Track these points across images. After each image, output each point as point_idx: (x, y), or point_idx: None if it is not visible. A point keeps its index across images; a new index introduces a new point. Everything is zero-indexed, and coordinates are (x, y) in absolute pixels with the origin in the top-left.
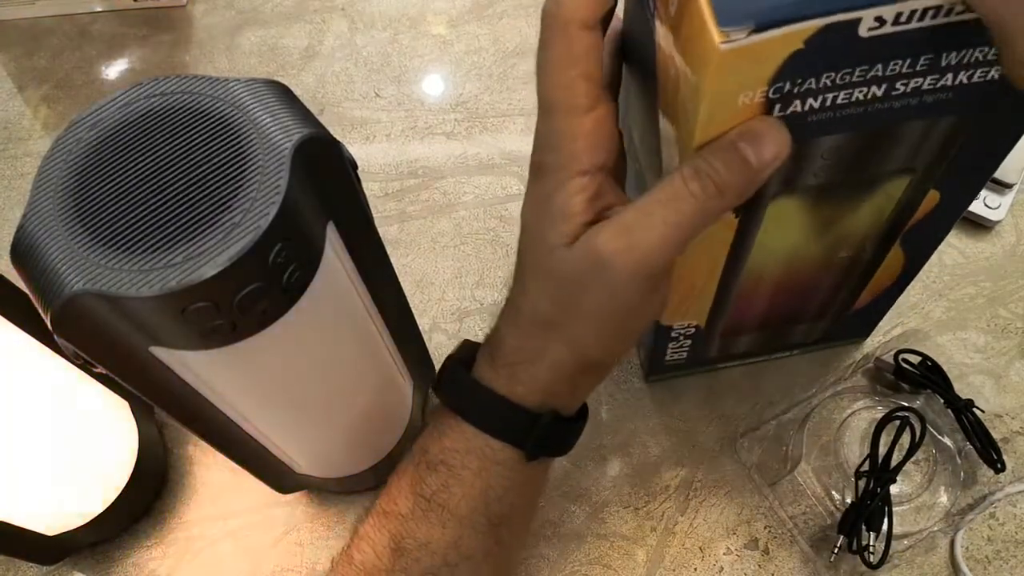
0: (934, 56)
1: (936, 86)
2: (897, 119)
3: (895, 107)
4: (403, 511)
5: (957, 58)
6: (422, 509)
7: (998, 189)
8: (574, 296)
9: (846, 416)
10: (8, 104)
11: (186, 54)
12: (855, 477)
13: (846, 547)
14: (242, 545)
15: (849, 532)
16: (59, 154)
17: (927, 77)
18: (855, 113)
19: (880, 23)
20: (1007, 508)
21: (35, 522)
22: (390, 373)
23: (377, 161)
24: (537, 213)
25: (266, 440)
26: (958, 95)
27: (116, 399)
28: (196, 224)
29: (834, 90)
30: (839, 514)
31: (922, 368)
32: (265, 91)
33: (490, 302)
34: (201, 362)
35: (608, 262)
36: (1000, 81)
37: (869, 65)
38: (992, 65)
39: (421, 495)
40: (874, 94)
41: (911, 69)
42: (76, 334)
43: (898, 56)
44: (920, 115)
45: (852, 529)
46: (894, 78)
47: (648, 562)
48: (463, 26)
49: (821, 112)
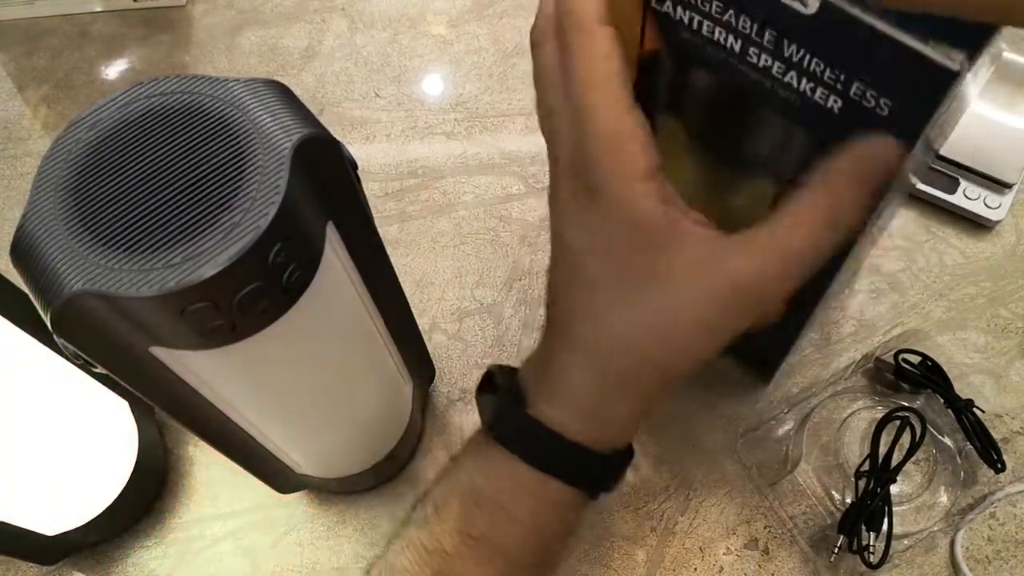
0: (777, 36)
1: (784, 79)
2: (754, 95)
3: (752, 78)
4: (448, 549)
5: (798, 56)
6: (469, 547)
7: (998, 189)
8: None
9: (846, 416)
10: (8, 104)
11: (186, 54)
12: (855, 477)
13: (846, 547)
14: (242, 545)
15: (849, 532)
16: (59, 154)
17: (774, 61)
18: (719, 58)
19: None
20: (1007, 508)
21: (35, 522)
22: (390, 373)
23: (377, 161)
24: (603, 244)
25: (266, 440)
26: (805, 107)
27: (116, 399)
28: (196, 224)
29: (696, 12)
30: (839, 514)
31: (922, 368)
32: (265, 91)
33: (490, 302)
34: (201, 362)
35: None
36: (841, 116)
37: (722, 2)
38: (832, 92)
39: (469, 535)
40: (732, 46)
41: (759, 39)
42: (76, 334)
43: (744, 12)
44: (774, 109)
45: (852, 529)
46: (747, 39)
47: (648, 562)
48: (463, 26)
49: (690, 32)
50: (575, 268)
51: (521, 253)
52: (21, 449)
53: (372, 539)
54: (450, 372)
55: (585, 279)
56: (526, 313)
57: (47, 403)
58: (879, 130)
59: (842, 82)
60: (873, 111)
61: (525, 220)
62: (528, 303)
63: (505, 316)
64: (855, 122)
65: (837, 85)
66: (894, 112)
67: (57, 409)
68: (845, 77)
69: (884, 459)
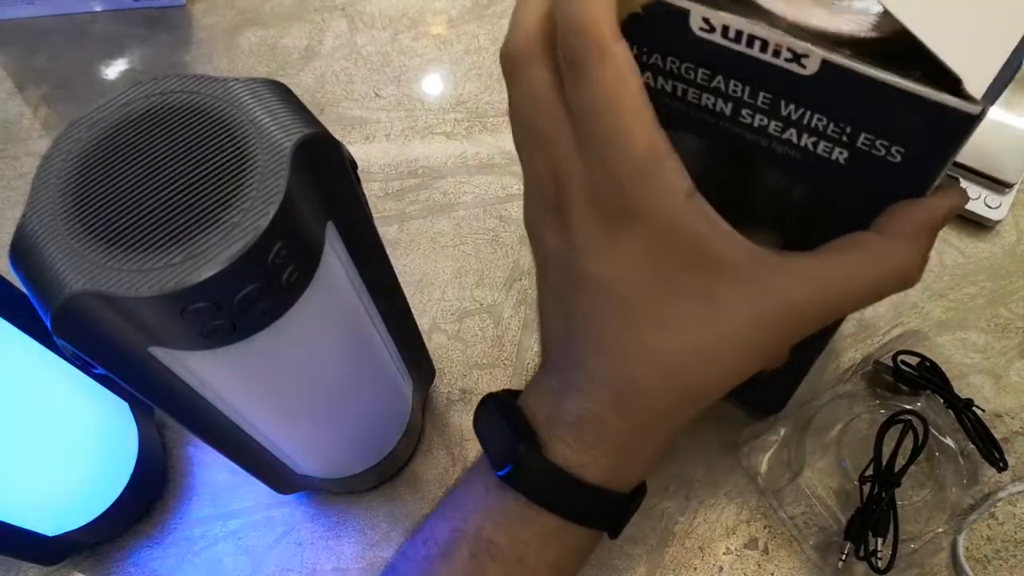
0: (772, 98)
1: (782, 136)
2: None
3: (747, 138)
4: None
5: (797, 114)
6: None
7: (998, 188)
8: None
9: (848, 420)
10: (8, 104)
11: (186, 54)
12: (859, 482)
13: (853, 554)
14: (242, 545)
15: (856, 538)
16: (59, 154)
17: (771, 120)
18: (708, 122)
19: (709, 27)
20: (1007, 508)
21: (35, 522)
22: (390, 373)
23: (377, 161)
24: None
25: (266, 440)
26: (807, 161)
27: (116, 399)
28: (195, 224)
29: (680, 81)
30: (845, 520)
31: (921, 369)
32: (265, 91)
33: (490, 302)
34: (201, 362)
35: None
36: (848, 167)
37: (709, 71)
38: (837, 144)
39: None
40: (722, 110)
41: (752, 100)
42: (75, 334)
43: (735, 77)
44: (773, 163)
45: (859, 535)
46: (738, 102)
47: (648, 562)
48: (463, 26)
49: (674, 101)
50: (604, 298)
51: (521, 253)
52: (21, 449)
53: (372, 539)
54: (450, 372)
55: (618, 309)
56: (526, 313)
57: (47, 403)
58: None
59: (848, 135)
60: (884, 159)
61: None
62: (528, 303)
63: (505, 316)
64: (864, 171)
65: (843, 138)
66: (909, 158)
67: (57, 409)
68: (852, 130)
69: (888, 463)
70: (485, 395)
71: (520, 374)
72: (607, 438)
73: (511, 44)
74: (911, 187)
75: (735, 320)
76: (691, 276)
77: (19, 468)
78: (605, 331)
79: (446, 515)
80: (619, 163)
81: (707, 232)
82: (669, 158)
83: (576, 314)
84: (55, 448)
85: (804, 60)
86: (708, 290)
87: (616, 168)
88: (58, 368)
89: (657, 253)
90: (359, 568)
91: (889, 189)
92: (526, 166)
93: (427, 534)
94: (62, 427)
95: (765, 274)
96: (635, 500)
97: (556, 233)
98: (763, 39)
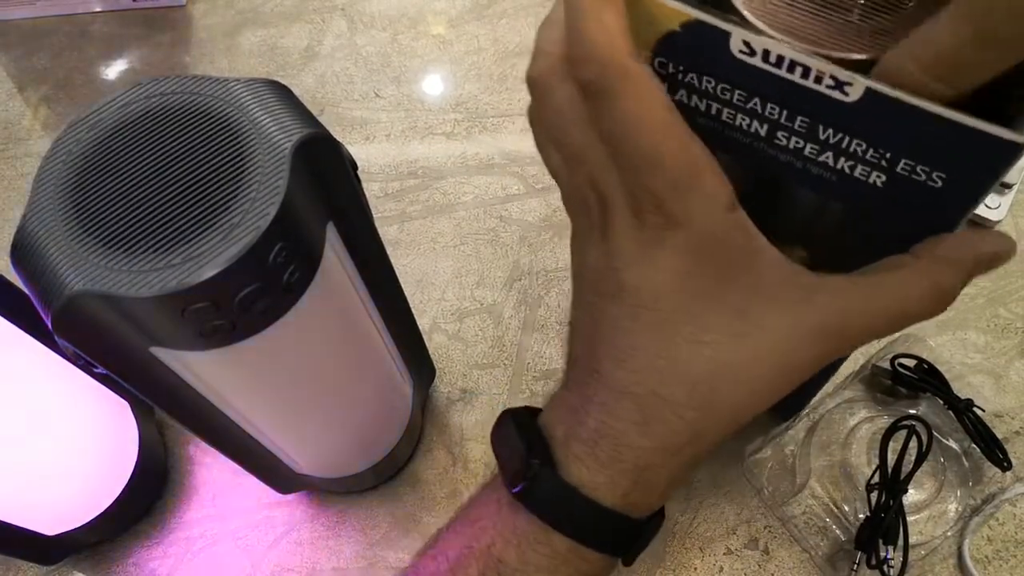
0: (810, 122)
1: (818, 159)
2: (784, 174)
3: (780, 159)
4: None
5: (835, 138)
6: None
7: (998, 189)
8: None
9: (851, 428)
10: (8, 104)
11: (186, 54)
12: (867, 490)
13: (864, 563)
14: (242, 545)
15: (866, 547)
16: (59, 154)
17: (807, 143)
18: (741, 141)
19: (750, 51)
20: (1007, 508)
21: (35, 522)
22: (390, 373)
23: (377, 161)
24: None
25: (266, 440)
26: (843, 184)
27: (116, 399)
28: (196, 224)
29: (715, 101)
30: (854, 529)
31: (919, 371)
32: (265, 91)
33: (490, 302)
34: (201, 362)
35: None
36: (885, 190)
37: (746, 92)
38: (875, 168)
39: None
40: (756, 130)
41: (789, 123)
42: (76, 334)
43: (772, 100)
44: (806, 184)
45: (869, 544)
46: (774, 124)
47: (648, 562)
48: (463, 26)
49: (707, 118)
50: (638, 308)
51: (521, 253)
52: (21, 449)
53: (372, 539)
54: (450, 372)
55: (650, 321)
56: (526, 313)
57: (47, 403)
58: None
59: (888, 160)
60: (924, 184)
61: (525, 220)
62: (528, 303)
63: (505, 316)
64: (902, 195)
65: (882, 163)
66: (950, 184)
67: (57, 409)
68: (892, 155)
69: (893, 470)
70: (504, 410)
71: (520, 374)
72: (626, 458)
73: (536, 67)
74: (950, 212)
75: (769, 339)
76: (727, 291)
77: (19, 468)
78: (634, 344)
79: (458, 530)
80: (656, 178)
81: (746, 246)
82: (708, 169)
83: (606, 327)
84: (55, 448)
85: (847, 88)
86: (744, 306)
87: (652, 184)
88: (58, 368)
89: (695, 265)
90: (359, 568)
91: (927, 213)
92: (565, 185)
93: (438, 549)
94: (62, 427)
95: (802, 294)
96: (652, 526)
97: (597, 246)
98: (805, 65)
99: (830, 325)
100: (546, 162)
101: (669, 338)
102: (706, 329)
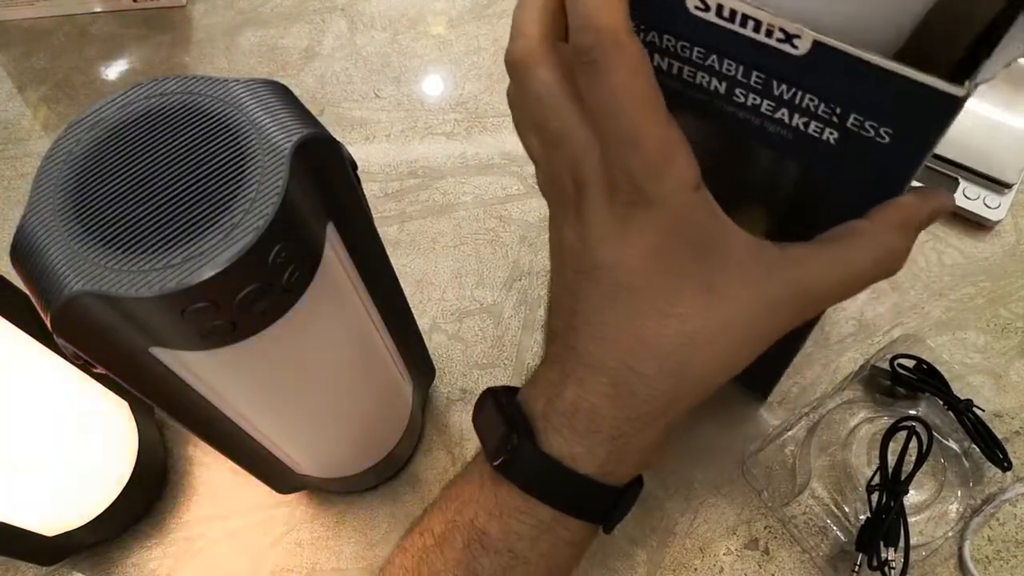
0: (765, 78)
1: (774, 116)
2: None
3: (739, 116)
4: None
5: (789, 94)
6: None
7: (998, 189)
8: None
9: (851, 428)
10: (8, 104)
11: (186, 54)
12: (867, 491)
13: (866, 565)
14: (242, 545)
15: (867, 549)
16: (59, 154)
17: (763, 99)
18: (701, 100)
19: (704, 6)
20: (1007, 508)
21: (35, 522)
22: (390, 373)
23: (377, 161)
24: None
25: (266, 440)
26: (798, 141)
27: (116, 399)
28: (196, 224)
29: (676, 59)
30: (855, 530)
31: (918, 372)
32: (265, 91)
33: (490, 302)
34: (201, 362)
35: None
36: (837, 147)
37: (704, 49)
38: (827, 125)
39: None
40: (716, 88)
41: (745, 80)
42: (76, 334)
43: (728, 56)
44: (766, 144)
45: (870, 545)
46: (732, 81)
47: (648, 562)
48: (463, 26)
49: (669, 79)
50: (611, 285)
51: (521, 253)
52: (21, 449)
53: (372, 539)
54: (450, 372)
55: (623, 297)
56: (526, 313)
57: (47, 403)
58: (880, 157)
59: (838, 115)
60: (873, 140)
61: (525, 220)
62: (528, 303)
63: (505, 316)
64: (853, 151)
65: (833, 118)
66: (897, 140)
67: (57, 409)
68: (842, 111)
69: (894, 471)
70: (485, 389)
71: (520, 374)
72: (602, 428)
73: (515, 49)
74: (898, 170)
75: (735, 309)
76: (695, 267)
77: (19, 468)
78: (608, 319)
79: (442, 507)
80: (634, 157)
81: (712, 225)
82: (680, 151)
83: (581, 303)
84: (55, 448)
85: (796, 40)
86: (711, 281)
87: (630, 161)
88: (58, 368)
89: (664, 243)
90: (359, 568)
91: (877, 172)
92: (543, 167)
93: (424, 526)
94: (62, 427)
95: (765, 267)
96: (630, 494)
97: (572, 225)
98: (756, 19)
99: (793, 294)
100: (524, 144)
101: (641, 313)
102: (675, 303)
